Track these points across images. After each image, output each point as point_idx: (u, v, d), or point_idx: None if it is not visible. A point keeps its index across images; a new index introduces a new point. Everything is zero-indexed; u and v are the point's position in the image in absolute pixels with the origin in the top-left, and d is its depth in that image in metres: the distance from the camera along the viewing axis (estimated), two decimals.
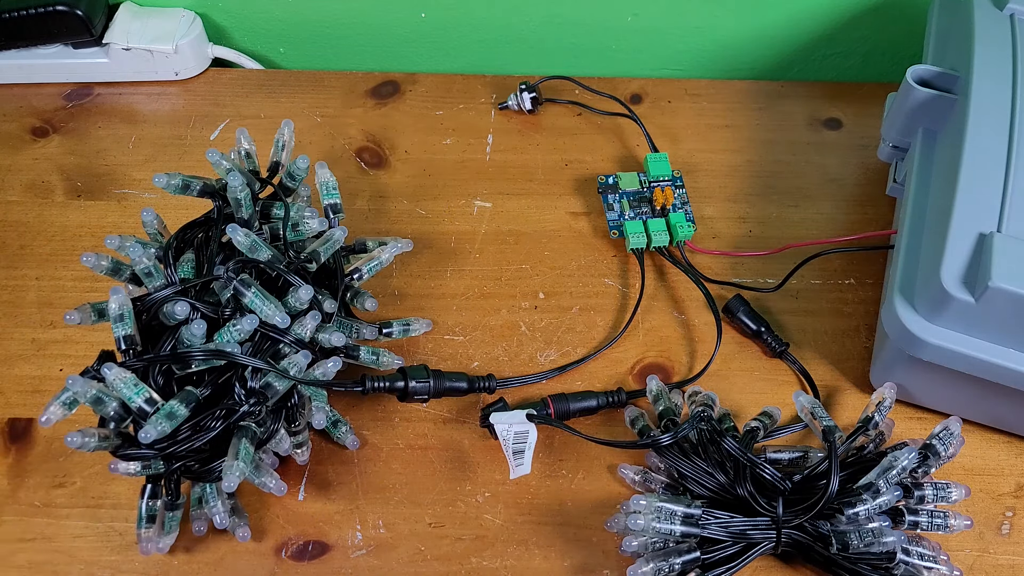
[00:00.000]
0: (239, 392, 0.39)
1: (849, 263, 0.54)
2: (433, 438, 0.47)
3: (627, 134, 0.61)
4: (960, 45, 0.49)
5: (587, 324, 0.51)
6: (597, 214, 0.56)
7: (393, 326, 0.47)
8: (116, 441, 0.39)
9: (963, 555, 0.43)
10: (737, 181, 0.58)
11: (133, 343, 0.40)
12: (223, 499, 0.41)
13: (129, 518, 0.44)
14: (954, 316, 0.41)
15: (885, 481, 0.40)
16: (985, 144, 0.44)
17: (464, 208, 0.57)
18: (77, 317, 0.40)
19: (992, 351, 0.41)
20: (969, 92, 0.45)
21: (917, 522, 0.41)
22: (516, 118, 0.62)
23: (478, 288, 0.53)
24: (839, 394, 0.49)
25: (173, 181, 0.44)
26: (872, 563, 0.40)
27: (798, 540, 0.41)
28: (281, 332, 0.41)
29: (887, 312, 0.43)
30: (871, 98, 0.60)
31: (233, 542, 0.43)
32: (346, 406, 0.47)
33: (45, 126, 0.61)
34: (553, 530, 0.44)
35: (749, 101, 0.63)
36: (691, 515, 0.40)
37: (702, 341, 0.51)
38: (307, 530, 0.44)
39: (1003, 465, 0.46)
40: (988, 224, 0.41)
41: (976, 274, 0.40)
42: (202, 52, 0.64)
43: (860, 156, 0.59)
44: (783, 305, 0.52)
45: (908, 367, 0.44)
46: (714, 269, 0.54)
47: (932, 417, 0.47)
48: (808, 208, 0.57)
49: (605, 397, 0.47)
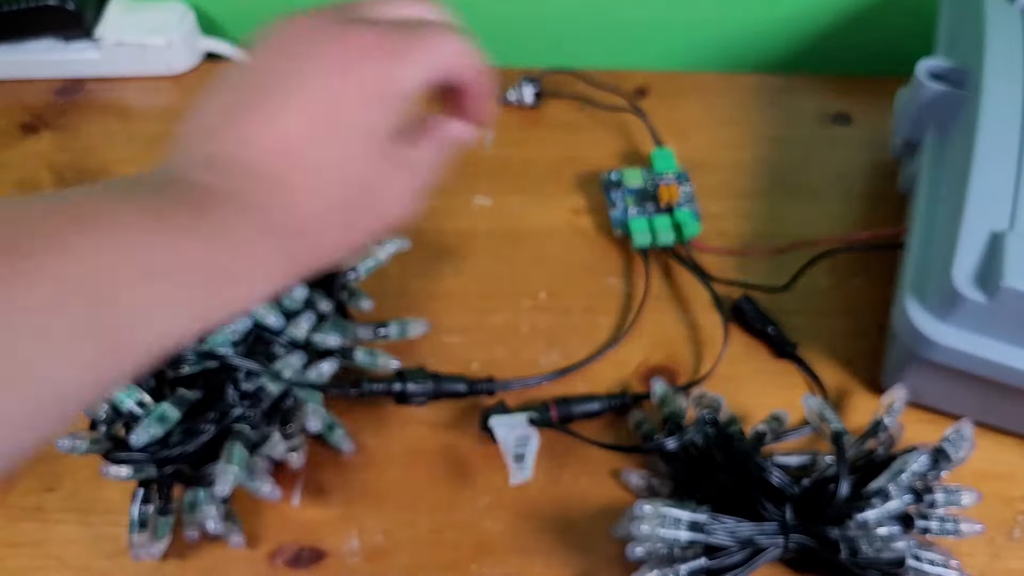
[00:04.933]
0: (232, 395, 0.39)
1: (859, 262, 0.53)
2: (431, 442, 0.46)
3: (631, 129, 0.60)
4: (971, 39, 0.48)
5: (590, 324, 0.51)
6: (600, 211, 0.55)
7: (390, 327, 0.47)
8: (107, 444, 0.39)
9: (974, 560, 0.42)
10: (744, 177, 0.57)
11: None
12: (216, 504, 0.40)
13: (121, 523, 0.43)
14: (966, 317, 0.40)
15: (895, 485, 0.40)
16: (998, 140, 0.43)
17: (463, 205, 0.56)
18: None
19: (1005, 352, 0.40)
20: (981, 87, 0.45)
21: (927, 527, 0.41)
22: (517, 113, 0.61)
23: (477, 288, 0.52)
24: (849, 396, 0.48)
25: None
26: (882, 569, 0.39)
27: (806, 546, 0.40)
28: (275, 333, 0.41)
29: (898, 312, 0.43)
30: (881, 93, 0.59)
31: (226, 548, 0.42)
32: (342, 409, 0.46)
33: (35, 122, 0.60)
34: (555, 537, 0.43)
35: (757, 96, 0.62)
36: (697, 521, 0.39)
37: (708, 342, 0.50)
38: (302, 536, 0.43)
39: (1015, 469, 0.46)
40: (1001, 222, 0.40)
41: (989, 274, 0.39)
42: (195, 46, 0.63)
43: (870, 152, 0.58)
44: (791, 305, 0.51)
45: (919, 369, 0.43)
46: (721, 267, 0.53)
47: (943, 420, 0.47)
48: (817, 205, 0.56)
49: (609, 400, 0.46)
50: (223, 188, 0.28)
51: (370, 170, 0.30)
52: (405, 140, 0.33)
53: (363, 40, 0.29)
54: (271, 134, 0.29)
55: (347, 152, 0.29)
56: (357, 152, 0.30)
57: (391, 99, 0.30)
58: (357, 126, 0.29)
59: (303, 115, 0.29)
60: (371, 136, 0.30)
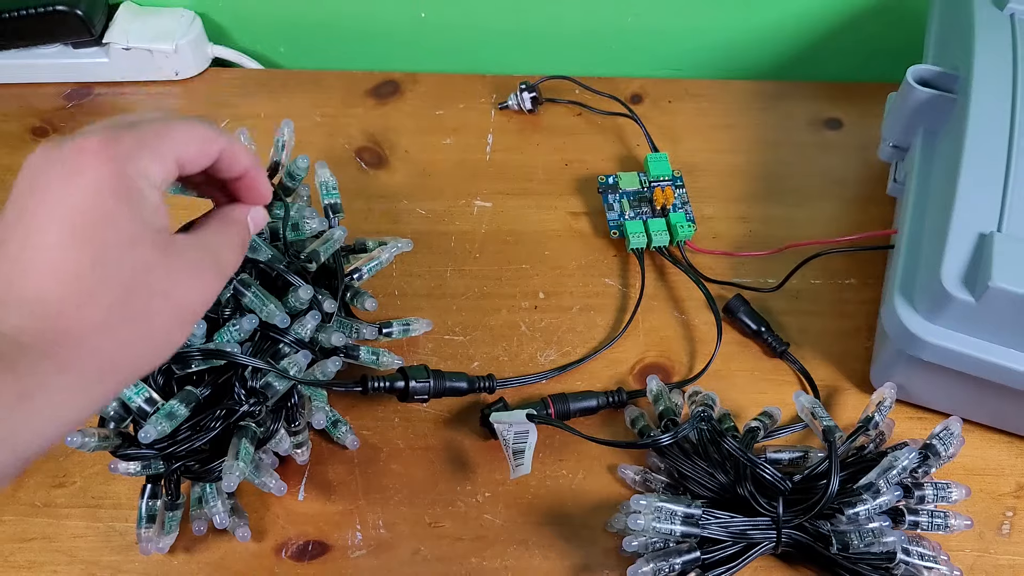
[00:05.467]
0: (239, 392, 0.39)
1: (850, 263, 0.53)
2: (433, 438, 0.47)
3: (627, 134, 0.61)
4: (960, 45, 0.49)
5: (587, 324, 0.51)
6: (597, 214, 0.56)
7: (393, 326, 0.47)
8: (116, 441, 0.39)
9: (963, 555, 0.43)
10: (737, 181, 0.58)
11: None
12: (223, 499, 0.41)
13: (129, 518, 0.44)
14: (954, 316, 0.40)
15: (885, 481, 0.40)
16: (985, 144, 0.43)
17: (464, 208, 0.57)
18: None
19: (992, 351, 0.41)
20: (969, 92, 0.45)
21: (917, 522, 0.41)
22: (516, 118, 0.62)
23: (478, 288, 0.53)
24: (839, 394, 0.49)
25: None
26: (872, 563, 0.40)
27: (798, 540, 0.41)
28: (281, 332, 0.41)
29: (887, 312, 0.43)
30: (872, 98, 0.59)
31: (233, 542, 0.43)
32: (346, 406, 0.47)
33: (45, 126, 0.61)
34: (553, 530, 0.44)
35: (750, 101, 0.63)
36: (691, 515, 0.40)
37: (702, 341, 0.51)
38: (307, 530, 0.44)
39: (1003, 465, 0.46)
40: (988, 224, 0.41)
41: (976, 274, 0.40)
42: (202, 52, 0.64)
43: (861, 156, 0.59)
44: (783, 305, 0.52)
45: (908, 367, 0.44)
46: (714, 269, 0.53)
47: (932, 417, 0.47)
48: (809, 208, 0.57)
49: (605, 397, 0.47)
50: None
51: (140, 265, 0.29)
52: (187, 231, 0.34)
53: (86, 146, 0.29)
54: (20, 266, 0.28)
55: (105, 256, 0.28)
56: (116, 253, 0.28)
57: (133, 194, 0.29)
58: (107, 227, 0.28)
59: (50, 232, 0.28)
60: (129, 235, 0.29)
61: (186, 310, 0.31)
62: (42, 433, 0.27)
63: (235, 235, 0.35)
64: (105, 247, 0.28)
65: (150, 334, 0.30)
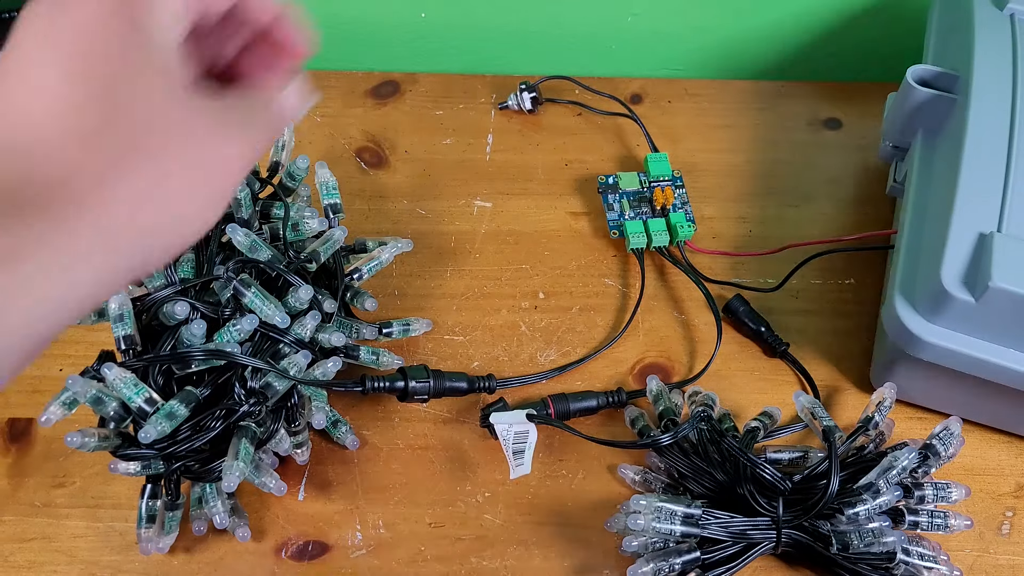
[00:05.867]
0: (239, 392, 0.39)
1: (849, 263, 0.54)
2: (433, 438, 0.47)
3: (627, 134, 0.61)
4: (960, 45, 0.49)
5: (587, 324, 0.51)
6: (597, 214, 0.56)
7: (393, 326, 0.47)
8: (116, 441, 0.39)
9: (963, 555, 0.43)
10: (737, 181, 0.58)
11: (133, 343, 0.40)
12: (223, 499, 0.41)
13: (129, 518, 0.44)
14: (954, 316, 0.41)
15: (885, 481, 0.40)
16: (985, 144, 0.44)
17: (464, 208, 0.57)
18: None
19: (992, 351, 0.41)
20: (969, 92, 0.45)
21: (917, 522, 0.41)
22: (516, 118, 0.62)
23: (478, 288, 0.53)
24: (839, 394, 0.49)
25: None
26: (872, 563, 0.40)
27: (798, 540, 0.41)
28: (281, 332, 0.41)
29: (887, 312, 0.43)
30: (871, 98, 0.60)
31: (233, 542, 0.43)
32: (346, 406, 0.47)
33: None
34: (553, 530, 0.44)
35: (749, 101, 0.63)
36: (691, 515, 0.40)
37: (702, 341, 0.51)
38: (307, 530, 0.44)
39: (1003, 465, 0.46)
40: (988, 224, 0.41)
41: (976, 274, 0.40)
42: None
43: (860, 156, 0.59)
44: (783, 305, 0.52)
45: (908, 367, 0.44)
46: (714, 269, 0.54)
47: (932, 417, 0.47)
48: (808, 208, 0.57)
49: (605, 397, 0.47)
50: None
51: (156, 109, 0.25)
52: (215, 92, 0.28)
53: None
54: (20, 98, 0.24)
55: (113, 90, 0.24)
56: (126, 89, 0.24)
57: (146, 30, 0.25)
58: (113, 58, 0.24)
59: (45, 64, 0.24)
60: (138, 68, 0.25)
61: (212, 174, 0.26)
62: (38, 309, 0.23)
63: (266, 105, 0.30)
64: (113, 80, 0.24)
65: (167, 196, 0.25)
